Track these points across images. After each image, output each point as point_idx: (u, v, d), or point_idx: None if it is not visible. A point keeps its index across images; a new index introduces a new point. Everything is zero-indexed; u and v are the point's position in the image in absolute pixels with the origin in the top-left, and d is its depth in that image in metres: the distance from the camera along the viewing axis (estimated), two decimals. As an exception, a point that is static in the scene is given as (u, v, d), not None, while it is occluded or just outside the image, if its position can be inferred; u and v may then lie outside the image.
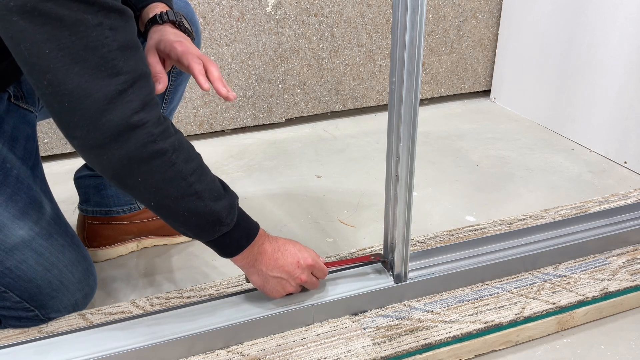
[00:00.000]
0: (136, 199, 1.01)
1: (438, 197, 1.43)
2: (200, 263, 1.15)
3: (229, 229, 0.77)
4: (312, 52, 1.82)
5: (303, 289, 0.91)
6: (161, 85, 0.82)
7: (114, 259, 1.18)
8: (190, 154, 0.73)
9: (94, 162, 0.69)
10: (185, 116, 1.76)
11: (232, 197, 0.78)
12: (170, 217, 0.75)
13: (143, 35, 0.91)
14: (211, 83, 0.83)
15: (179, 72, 1.08)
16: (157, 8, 0.91)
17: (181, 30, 0.89)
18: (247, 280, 0.87)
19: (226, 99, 0.83)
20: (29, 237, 0.85)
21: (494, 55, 2.08)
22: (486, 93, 2.16)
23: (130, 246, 1.20)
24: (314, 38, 1.80)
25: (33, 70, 0.62)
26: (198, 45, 1.06)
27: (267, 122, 1.88)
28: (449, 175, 1.55)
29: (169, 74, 1.06)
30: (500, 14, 2.01)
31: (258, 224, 0.83)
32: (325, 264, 0.91)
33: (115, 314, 0.93)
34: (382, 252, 0.97)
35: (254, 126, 1.88)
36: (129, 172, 0.68)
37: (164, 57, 0.87)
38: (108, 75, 0.63)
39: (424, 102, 2.09)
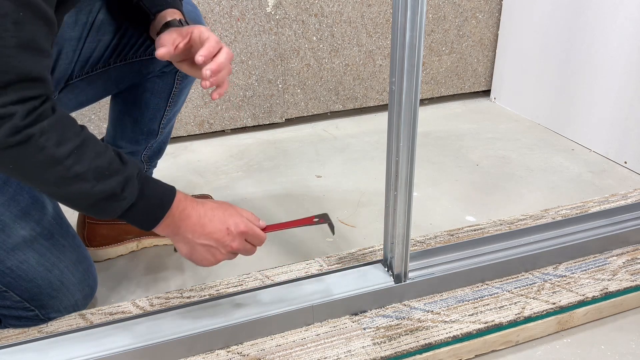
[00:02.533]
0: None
1: (438, 197, 1.43)
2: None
3: (130, 202, 0.73)
4: (312, 52, 1.82)
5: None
6: (163, 50, 0.81)
7: (113, 259, 1.18)
8: (66, 135, 0.67)
9: None
10: (185, 116, 1.76)
11: (130, 169, 0.73)
12: (60, 201, 0.73)
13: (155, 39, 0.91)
14: (210, 62, 0.81)
15: (184, 76, 1.08)
16: (175, 15, 0.91)
17: None
18: (175, 250, 0.83)
19: (203, 86, 0.81)
20: (31, 237, 0.86)
21: (494, 55, 2.08)
22: (486, 93, 2.16)
23: (130, 246, 1.20)
24: (314, 38, 1.80)
25: None
26: None
27: (267, 122, 1.88)
28: (449, 175, 1.55)
29: (174, 77, 1.06)
30: (500, 14, 2.01)
31: (174, 190, 0.78)
32: (266, 227, 0.85)
33: (115, 314, 0.93)
34: (381, 250, 0.97)
35: (254, 126, 1.88)
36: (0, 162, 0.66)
37: (180, 39, 0.85)
38: None
39: (424, 102, 2.09)
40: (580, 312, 0.94)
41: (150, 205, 0.76)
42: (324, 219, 0.89)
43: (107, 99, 1.14)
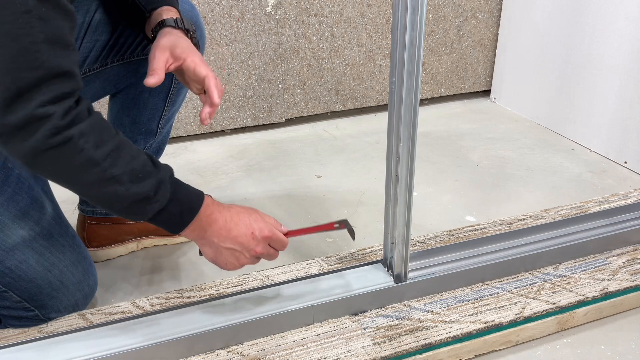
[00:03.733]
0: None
1: (438, 197, 1.43)
2: (200, 263, 1.15)
3: (162, 205, 0.74)
4: (312, 52, 1.82)
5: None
6: (154, 80, 0.82)
7: (114, 259, 1.19)
8: (103, 137, 0.69)
9: (1, 148, 0.67)
10: (185, 116, 1.76)
11: (162, 172, 0.74)
12: (94, 202, 0.74)
13: (150, 37, 0.91)
14: (209, 99, 0.85)
15: None
16: (170, 12, 0.91)
17: (192, 42, 0.90)
18: (200, 254, 0.84)
19: (201, 121, 0.85)
20: (30, 237, 0.86)
21: (494, 55, 2.08)
22: (486, 93, 2.16)
23: (130, 246, 1.20)
24: (314, 38, 1.80)
25: None
26: (202, 50, 1.06)
27: (267, 122, 1.88)
28: (449, 175, 1.55)
29: (172, 77, 1.06)
30: (500, 14, 2.01)
31: (202, 194, 0.79)
32: (288, 232, 0.86)
33: (115, 314, 0.93)
34: (381, 250, 0.97)
35: (254, 126, 1.88)
36: (36, 162, 0.66)
37: (172, 60, 0.86)
38: (26, 67, 0.61)
39: (424, 102, 2.09)
40: (580, 312, 0.94)
41: (180, 209, 0.77)
42: (344, 224, 0.89)
43: (105, 99, 1.14)
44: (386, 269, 0.96)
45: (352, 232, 0.90)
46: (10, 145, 0.65)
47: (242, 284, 0.99)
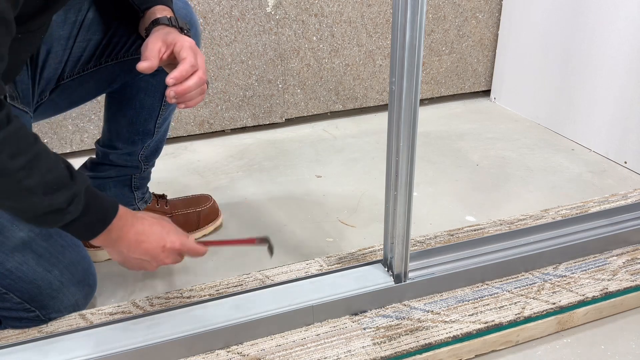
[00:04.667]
0: None
1: (438, 197, 1.43)
2: (201, 263, 1.15)
3: (74, 217, 0.73)
4: (312, 52, 1.82)
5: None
6: (146, 64, 0.81)
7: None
8: (20, 147, 0.66)
9: None
10: (185, 116, 1.76)
11: (78, 184, 0.73)
12: (4, 210, 0.73)
13: (144, 36, 0.91)
14: (178, 85, 0.82)
15: None
16: (164, 11, 0.91)
17: None
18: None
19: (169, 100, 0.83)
20: (29, 239, 0.85)
21: (494, 55, 2.08)
22: (486, 93, 2.16)
23: None
24: (314, 38, 1.80)
25: None
26: (198, 46, 1.06)
27: (267, 122, 1.88)
28: (449, 175, 1.55)
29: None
30: (500, 14, 2.01)
31: (117, 206, 0.79)
32: (206, 242, 0.88)
33: (115, 314, 0.93)
34: (381, 250, 0.97)
35: (254, 126, 1.88)
36: None
37: (164, 49, 0.85)
38: None
39: (424, 102, 2.09)
40: (580, 312, 0.94)
41: (91, 220, 0.76)
42: (264, 240, 0.90)
43: (103, 98, 1.13)
44: (386, 269, 0.96)
45: (271, 249, 0.90)
46: None
47: (242, 284, 0.99)
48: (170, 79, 0.81)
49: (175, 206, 1.24)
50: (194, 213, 1.24)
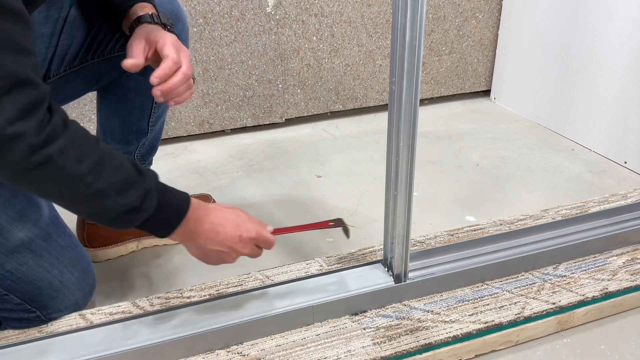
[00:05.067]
0: None
1: (438, 197, 1.43)
2: (200, 263, 1.15)
3: (149, 214, 0.73)
4: (312, 52, 1.82)
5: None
6: (131, 61, 0.81)
7: (113, 259, 1.18)
8: (84, 150, 0.66)
9: None
10: (185, 116, 1.76)
11: (148, 180, 0.73)
12: (81, 215, 0.73)
13: (128, 34, 0.90)
14: (163, 83, 0.81)
15: None
16: (146, 8, 0.90)
17: None
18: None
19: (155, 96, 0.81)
20: (28, 239, 0.85)
21: (494, 55, 2.08)
22: (486, 93, 2.16)
23: (130, 246, 1.20)
24: (314, 38, 1.80)
25: None
26: (186, 43, 1.05)
27: (267, 122, 1.88)
28: (449, 175, 1.55)
29: None
30: (500, 14, 2.01)
31: (189, 198, 0.78)
32: (275, 230, 0.86)
33: (115, 314, 0.93)
34: (381, 250, 0.97)
35: (254, 126, 1.88)
36: (19, 182, 0.65)
37: (148, 47, 0.85)
38: None
39: (424, 102, 2.09)
40: (580, 312, 0.94)
41: (167, 215, 0.76)
42: (338, 222, 0.91)
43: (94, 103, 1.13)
44: (386, 269, 0.96)
45: (346, 231, 0.91)
46: None
47: (242, 284, 0.99)
48: (154, 78, 0.81)
49: None
50: None
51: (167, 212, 0.76)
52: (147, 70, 1.03)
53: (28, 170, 0.63)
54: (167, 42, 0.84)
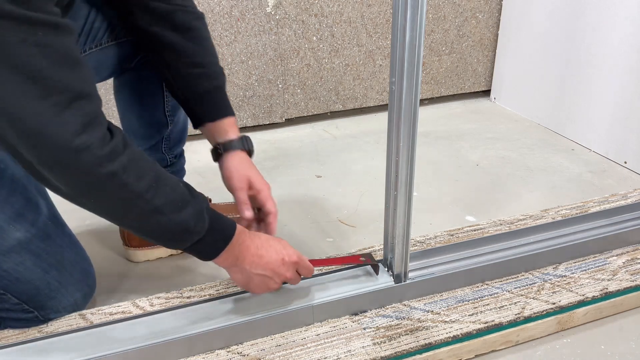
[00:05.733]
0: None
1: (438, 197, 1.43)
2: (201, 263, 1.15)
3: (200, 236, 0.75)
4: (312, 52, 1.82)
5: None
6: (250, 213, 0.89)
7: (113, 260, 1.18)
8: (143, 168, 0.69)
9: (42, 184, 0.67)
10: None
11: (199, 202, 0.75)
12: (138, 233, 0.75)
13: (213, 146, 0.98)
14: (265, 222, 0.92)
15: None
16: (233, 127, 0.96)
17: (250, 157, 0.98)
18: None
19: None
20: (26, 239, 0.85)
21: (494, 55, 2.08)
22: (486, 93, 2.16)
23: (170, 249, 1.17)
24: (314, 38, 1.80)
25: None
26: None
27: (267, 122, 1.88)
28: (449, 175, 1.55)
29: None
30: (500, 14, 2.01)
31: (234, 223, 0.81)
32: (310, 261, 0.89)
33: (115, 314, 0.93)
34: (381, 250, 0.97)
35: (254, 126, 1.88)
36: (80, 196, 0.67)
37: (250, 192, 0.94)
38: (38, 96, 0.59)
39: (424, 102, 2.09)
40: (580, 312, 0.94)
41: (215, 238, 0.78)
42: (369, 258, 0.95)
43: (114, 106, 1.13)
44: (386, 269, 0.96)
45: (376, 267, 0.94)
46: (51, 181, 0.64)
47: (242, 284, 0.99)
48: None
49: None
50: None
51: (215, 234, 0.77)
52: (146, 62, 1.02)
53: (91, 185, 0.65)
54: (268, 194, 0.94)
